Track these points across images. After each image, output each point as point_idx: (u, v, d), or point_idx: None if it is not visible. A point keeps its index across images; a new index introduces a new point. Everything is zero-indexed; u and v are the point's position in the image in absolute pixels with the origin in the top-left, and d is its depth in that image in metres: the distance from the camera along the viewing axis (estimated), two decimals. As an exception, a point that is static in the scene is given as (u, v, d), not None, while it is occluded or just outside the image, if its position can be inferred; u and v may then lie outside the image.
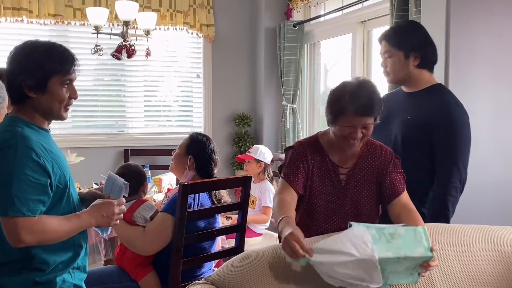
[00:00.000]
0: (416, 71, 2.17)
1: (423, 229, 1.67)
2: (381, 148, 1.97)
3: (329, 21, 4.19)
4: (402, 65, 2.17)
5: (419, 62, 2.15)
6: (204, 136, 2.69)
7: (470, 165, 2.52)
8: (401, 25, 2.31)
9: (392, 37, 2.20)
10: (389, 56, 2.20)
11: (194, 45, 4.93)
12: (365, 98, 1.79)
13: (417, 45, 2.16)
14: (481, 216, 2.48)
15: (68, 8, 4.37)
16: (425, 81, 2.20)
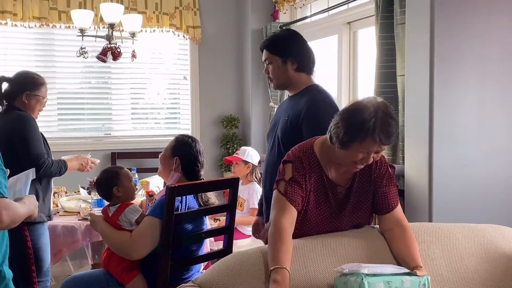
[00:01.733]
0: (295, 75, 2.35)
1: (426, 280, 1.64)
2: (376, 161, 1.84)
3: (315, 23, 4.20)
4: (281, 71, 2.35)
5: (296, 66, 2.33)
6: (190, 138, 2.68)
7: (456, 164, 2.55)
8: (278, 33, 2.50)
9: (270, 45, 2.39)
10: (269, 63, 2.38)
11: (181, 47, 4.91)
12: (391, 127, 1.70)
13: (294, 51, 2.34)
14: (467, 215, 2.50)
15: (53, 11, 4.33)
16: (303, 83, 2.37)
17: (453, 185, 2.53)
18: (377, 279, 1.56)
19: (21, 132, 2.70)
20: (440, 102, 2.51)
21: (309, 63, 2.39)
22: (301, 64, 2.35)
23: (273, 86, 2.48)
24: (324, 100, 2.29)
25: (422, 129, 2.55)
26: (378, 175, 1.87)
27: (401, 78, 2.88)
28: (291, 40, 2.40)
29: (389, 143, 1.73)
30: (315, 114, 2.22)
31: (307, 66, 2.39)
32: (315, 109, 2.24)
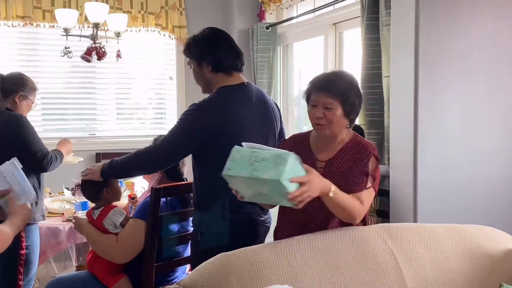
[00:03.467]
0: (212, 76, 2.28)
1: (291, 156, 1.60)
2: (364, 145, 1.93)
3: (302, 23, 4.21)
4: (198, 74, 2.32)
5: (211, 67, 2.26)
6: None
7: (441, 165, 2.57)
8: (195, 35, 2.36)
9: (186, 49, 2.35)
10: (190, 66, 2.35)
11: (167, 47, 4.89)
12: (326, 75, 1.92)
13: (207, 52, 2.26)
14: (451, 215, 2.51)
15: (37, 10, 4.29)
16: (219, 84, 2.28)
17: (438, 185, 2.55)
18: None
19: (21, 134, 2.66)
20: (425, 103, 2.53)
21: (227, 63, 2.26)
22: (216, 65, 2.25)
23: (202, 91, 2.41)
24: (199, 104, 2.23)
25: (407, 130, 2.56)
26: (359, 158, 1.92)
27: (386, 79, 2.90)
28: (205, 41, 2.30)
29: (324, 89, 1.86)
30: (184, 111, 2.26)
31: (225, 66, 2.26)
32: (189, 106, 2.26)
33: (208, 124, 2.17)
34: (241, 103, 2.25)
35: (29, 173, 2.69)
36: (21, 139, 2.66)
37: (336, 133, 1.94)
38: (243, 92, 2.29)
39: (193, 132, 2.20)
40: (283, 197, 1.62)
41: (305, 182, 1.63)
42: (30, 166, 2.68)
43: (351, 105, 1.89)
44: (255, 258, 1.67)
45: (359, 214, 1.86)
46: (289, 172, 1.58)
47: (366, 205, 1.89)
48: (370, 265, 1.76)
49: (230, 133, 2.16)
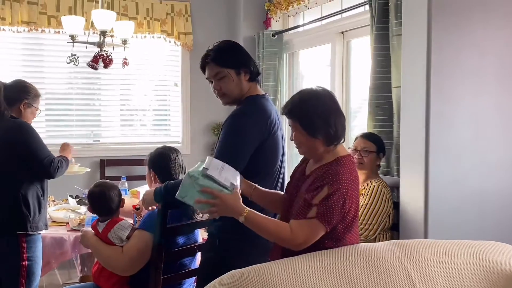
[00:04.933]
0: (247, 85, 2.24)
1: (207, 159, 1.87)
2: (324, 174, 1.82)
3: (308, 31, 4.18)
4: (236, 83, 2.22)
5: (249, 76, 2.23)
6: (165, 148, 2.67)
7: (451, 177, 2.53)
8: (222, 46, 2.30)
9: (219, 58, 2.24)
10: (222, 77, 2.23)
11: (172, 54, 4.87)
12: (292, 96, 1.91)
13: (245, 61, 2.24)
14: (463, 230, 2.48)
15: (42, 15, 4.27)
16: (251, 93, 2.25)
17: (449, 198, 2.52)
18: None
19: (27, 141, 2.64)
20: (436, 115, 2.50)
21: (257, 71, 2.28)
22: (252, 73, 2.24)
23: (225, 102, 2.30)
24: (247, 113, 2.17)
25: (418, 142, 2.53)
26: (315, 178, 1.84)
27: (396, 89, 2.87)
28: (239, 50, 2.29)
29: (288, 113, 1.87)
30: (229, 123, 2.16)
31: (257, 75, 2.28)
32: (231, 118, 2.16)
33: (260, 133, 2.13)
34: (274, 114, 2.24)
35: (33, 181, 2.66)
36: (27, 146, 2.64)
37: (310, 155, 1.92)
38: (270, 102, 2.30)
39: (252, 139, 2.12)
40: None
41: (217, 196, 1.79)
42: (37, 173, 2.66)
43: (310, 125, 1.81)
44: (267, 276, 1.63)
45: (285, 242, 1.82)
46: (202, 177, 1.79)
47: (298, 235, 1.78)
48: (384, 283, 1.72)
49: (271, 145, 2.18)
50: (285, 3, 4.27)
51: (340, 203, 1.77)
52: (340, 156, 1.87)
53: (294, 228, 1.80)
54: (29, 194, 2.63)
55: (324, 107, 1.84)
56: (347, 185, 1.79)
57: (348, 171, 1.82)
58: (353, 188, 1.82)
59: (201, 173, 1.80)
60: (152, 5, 4.61)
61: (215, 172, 1.82)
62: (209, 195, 1.80)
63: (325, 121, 1.82)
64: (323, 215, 1.77)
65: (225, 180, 1.82)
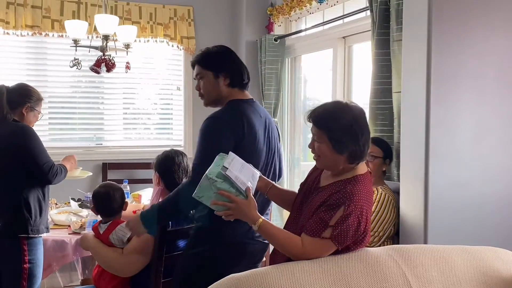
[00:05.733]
0: (227, 90, 2.30)
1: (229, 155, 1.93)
2: (343, 194, 1.79)
3: (310, 36, 4.20)
4: (212, 86, 2.30)
5: (229, 81, 2.29)
6: (173, 152, 2.68)
7: (451, 182, 2.53)
8: (210, 48, 2.39)
9: (202, 60, 2.33)
10: (201, 78, 2.33)
11: (175, 58, 4.89)
12: (324, 105, 1.90)
13: (225, 66, 2.30)
14: (463, 235, 2.48)
15: (45, 19, 4.30)
16: (231, 98, 2.31)
17: (449, 203, 2.52)
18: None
19: (27, 145, 2.66)
20: (437, 120, 2.50)
21: (241, 79, 2.33)
22: (233, 79, 2.30)
23: (204, 103, 2.40)
24: (219, 116, 2.22)
25: (418, 147, 2.54)
26: (331, 196, 1.81)
27: (396, 95, 2.88)
28: (225, 55, 2.36)
29: (309, 119, 1.87)
30: (202, 127, 2.21)
31: (239, 81, 2.32)
32: (205, 122, 2.22)
33: (234, 134, 2.16)
34: (254, 117, 2.26)
35: (35, 184, 2.68)
36: (28, 150, 2.65)
37: (328, 168, 1.89)
38: (253, 107, 2.32)
39: (222, 146, 2.11)
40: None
41: (234, 201, 1.83)
42: (35, 178, 2.67)
43: (339, 141, 1.79)
44: (265, 280, 1.64)
45: (295, 256, 1.80)
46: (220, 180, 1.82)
47: (309, 252, 1.78)
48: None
49: (247, 146, 2.18)
50: (287, 8, 4.28)
51: (355, 224, 1.77)
52: (358, 174, 1.85)
53: (306, 244, 1.79)
54: (30, 197, 2.65)
55: (356, 125, 1.80)
56: (362, 205, 1.77)
57: (365, 190, 1.80)
58: (369, 207, 1.82)
59: (220, 174, 1.84)
60: (155, 9, 4.63)
61: (234, 173, 1.86)
62: (226, 199, 1.84)
63: (354, 140, 1.79)
64: (337, 237, 1.77)
65: (242, 184, 1.86)
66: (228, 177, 1.83)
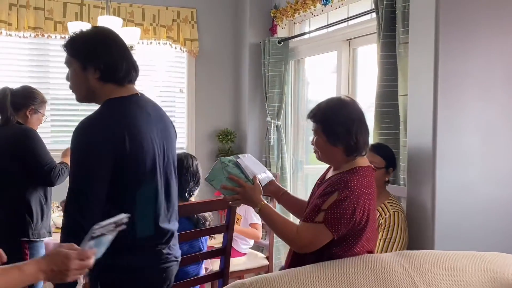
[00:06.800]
0: (99, 86, 1.83)
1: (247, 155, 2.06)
2: (337, 181, 1.83)
3: (314, 38, 4.17)
4: (80, 79, 1.85)
5: (99, 75, 1.81)
6: (181, 154, 2.65)
7: (459, 186, 2.49)
8: (83, 32, 1.89)
9: (68, 46, 1.86)
10: (69, 67, 1.89)
11: (178, 60, 4.85)
12: (320, 102, 1.97)
13: (97, 55, 1.80)
14: (471, 240, 2.45)
15: (48, 21, 4.27)
16: (107, 96, 1.85)
17: (457, 208, 2.48)
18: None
19: (30, 147, 2.65)
20: (444, 123, 2.47)
21: (122, 73, 1.84)
22: (107, 73, 1.81)
23: (76, 98, 1.94)
24: (89, 120, 1.81)
25: (425, 151, 2.51)
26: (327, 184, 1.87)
27: (402, 98, 2.84)
28: (94, 41, 1.84)
29: (312, 118, 1.93)
30: (74, 135, 1.80)
31: (118, 76, 1.83)
32: (76, 128, 1.81)
33: (113, 141, 1.73)
34: (138, 116, 1.83)
35: (37, 188, 2.65)
36: (30, 152, 2.64)
37: (327, 161, 1.98)
38: (137, 104, 1.89)
39: (100, 156, 1.72)
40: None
41: (242, 185, 1.93)
42: (38, 179, 2.65)
43: (332, 133, 1.87)
44: (271, 286, 1.61)
45: (290, 242, 1.90)
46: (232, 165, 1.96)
47: (302, 237, 1.83)
48: (391, 295, 1.69)
49: (132, 150, 1.75)
50: (291, 10, 4.26)
51: (349, 211, 1.76)
52: (358, 166, 1.86)
53: (301, 229, 1.84)
54: (32, 201, 2.62)
55: (347, 116, 1.87)
56: (359, 194, 1.78)
57: (363, 181, 1.82)
58: (366, 198, 1.80)
59: (232, 160, 1.97)
60: (158, 11, 4.61)
61: (245, 163, 1.99)
62: (235, 183, 1.93)
63: (347, 131, 1.85)
64: (330, 221, 1.77)
65: (251, 173, 1.97)
66: (239, 164, 1.96)
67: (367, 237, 1.85)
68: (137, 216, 1.74)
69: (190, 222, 2.53)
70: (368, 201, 1.81)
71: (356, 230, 1.82)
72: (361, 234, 1.83)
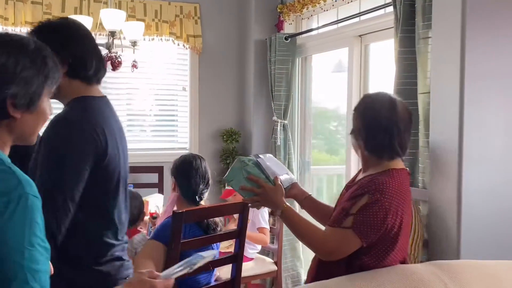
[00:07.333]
0: (66, 82, 1.66)
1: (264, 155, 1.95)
2: (368, 182, 1.73)
3: (323, 34, 4.02)
4: None
5: (67, 69, 1.64)
6: (189, 155, 2.50)
7: (486, 189, 2.35)
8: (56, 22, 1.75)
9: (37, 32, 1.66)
10: None
11: (180, 57, 4.70)
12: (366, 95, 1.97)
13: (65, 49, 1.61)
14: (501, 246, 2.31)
15: (46, 16, 4.10)
16: (75, 94, 1.71)
17: (485, 212, 2.34)
18: None
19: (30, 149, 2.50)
20: (471, 123, 2.33)
21: (88, 68, 1.68)
22: (76, 68, 1.65)
23: None
24: (65, 117, 1.67)
25: (451, 152, 2.36)
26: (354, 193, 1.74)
27: (422, 96, 2.69)
28: (62, 32, 1.66)
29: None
30: (48, 135, 1.63)
31: (85, 72, 1.68)
32: (48, 127, 1.64)
33: (96, 144, 1.61)
34: (112, 122, 1.74)
35: None
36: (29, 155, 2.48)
37: (359, 156, 1.89)
38: (109, 107, 1.79)
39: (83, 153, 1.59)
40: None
41: (262, 186, 1.81)
42: None
43: (355, 126, 1.83)
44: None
45: (315, 248, 1.76)
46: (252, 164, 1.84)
47: (328, 243, 1.69)
48: (429, 310, 1.55)
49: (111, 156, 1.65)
50: (299, 5, 4.11)
51: (380, 216, 1.62)
52: (391, 168, 1.72)
53: (327, 235, 1.71)
54: None
55: (389, 117, 1.75)
56: (391, 197, 1.63)
57: (397, 184, 1.67)
58: (400, 203, 1.66)
59: (252, 159, 1.86)
60: (160, 6, 4.45)
61: (266, 163, 1.87)
62: (254, 184, 1.82)
63: (369, 130, 1.76)
64: (359, 226, 1.63)
65: (272, 174, 1.85)
66: (259, 164, 1.85)
67: (400, 245, 1.71)
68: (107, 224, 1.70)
69: (199, 228, 2.38)
70: (401, 206, 1.67)
71: (388, 238, 1.67)
72: (394, 242, 1.68)
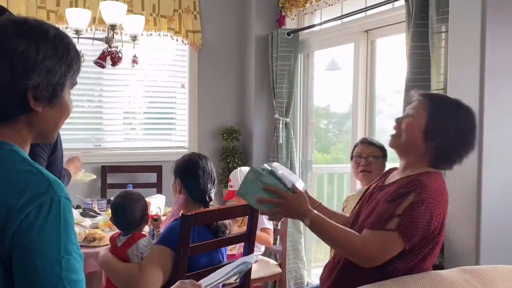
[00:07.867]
0: None
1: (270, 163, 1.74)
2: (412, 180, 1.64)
3: (327, 30, 3.91)
4: None
5: None
6: (193, 155, 2.38)
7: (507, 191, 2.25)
8: None
9: None
10: None
11: (179, 53, 4.56)
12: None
13: None
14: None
15: (41, 10, 3.96)
16: None
17: (506, 214, 2.25)
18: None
19: None
20: (491, 122, 2.24)
21: None
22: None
23: None
24: None
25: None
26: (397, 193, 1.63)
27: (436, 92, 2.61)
28: None
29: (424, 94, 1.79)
30: None
31: None
32: None
33: None
34: None
35: None
36: None
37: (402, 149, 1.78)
38: None
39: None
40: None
41: (282, 196, 1.61)
42: None
43: (433, 126, 1.70)
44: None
45: (353, 255, 1.60)
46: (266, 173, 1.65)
47: (370, 249, 1.56)
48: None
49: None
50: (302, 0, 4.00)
51: (427, 217, 1.52)
52: (430, 170, 1.61)
53: (368, 239, 1.56)
54: None
55: (463, 127, 1.66)
56: (435, 198, 1.54)
57: (439, 185, 1.57)
58: (443, 204, 1.56)
59: (265, 169, 1.66)
60: (158, 1, 4.31)
61: (280, 171, 1.67)
62: (273, 194, 1.62)
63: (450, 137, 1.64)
64: (405, 228, 1.52)
65: (288, 182, 1.66)
66: (274, 172, 1.65)
67: (438, 250, 1.61)
68: None
69: (209, 231, 2.26)
70: (444, 208, 1.58)
71: (428, 240, 1.57)
72: (432, 246, 1.58)
